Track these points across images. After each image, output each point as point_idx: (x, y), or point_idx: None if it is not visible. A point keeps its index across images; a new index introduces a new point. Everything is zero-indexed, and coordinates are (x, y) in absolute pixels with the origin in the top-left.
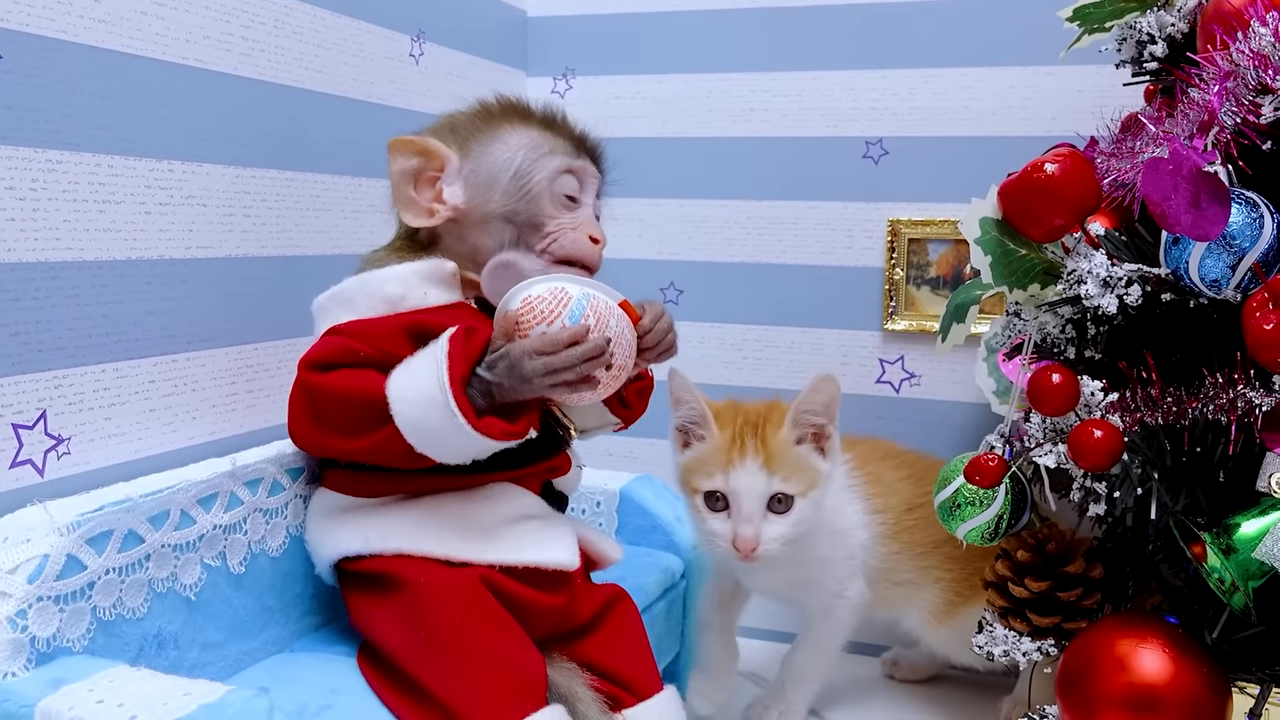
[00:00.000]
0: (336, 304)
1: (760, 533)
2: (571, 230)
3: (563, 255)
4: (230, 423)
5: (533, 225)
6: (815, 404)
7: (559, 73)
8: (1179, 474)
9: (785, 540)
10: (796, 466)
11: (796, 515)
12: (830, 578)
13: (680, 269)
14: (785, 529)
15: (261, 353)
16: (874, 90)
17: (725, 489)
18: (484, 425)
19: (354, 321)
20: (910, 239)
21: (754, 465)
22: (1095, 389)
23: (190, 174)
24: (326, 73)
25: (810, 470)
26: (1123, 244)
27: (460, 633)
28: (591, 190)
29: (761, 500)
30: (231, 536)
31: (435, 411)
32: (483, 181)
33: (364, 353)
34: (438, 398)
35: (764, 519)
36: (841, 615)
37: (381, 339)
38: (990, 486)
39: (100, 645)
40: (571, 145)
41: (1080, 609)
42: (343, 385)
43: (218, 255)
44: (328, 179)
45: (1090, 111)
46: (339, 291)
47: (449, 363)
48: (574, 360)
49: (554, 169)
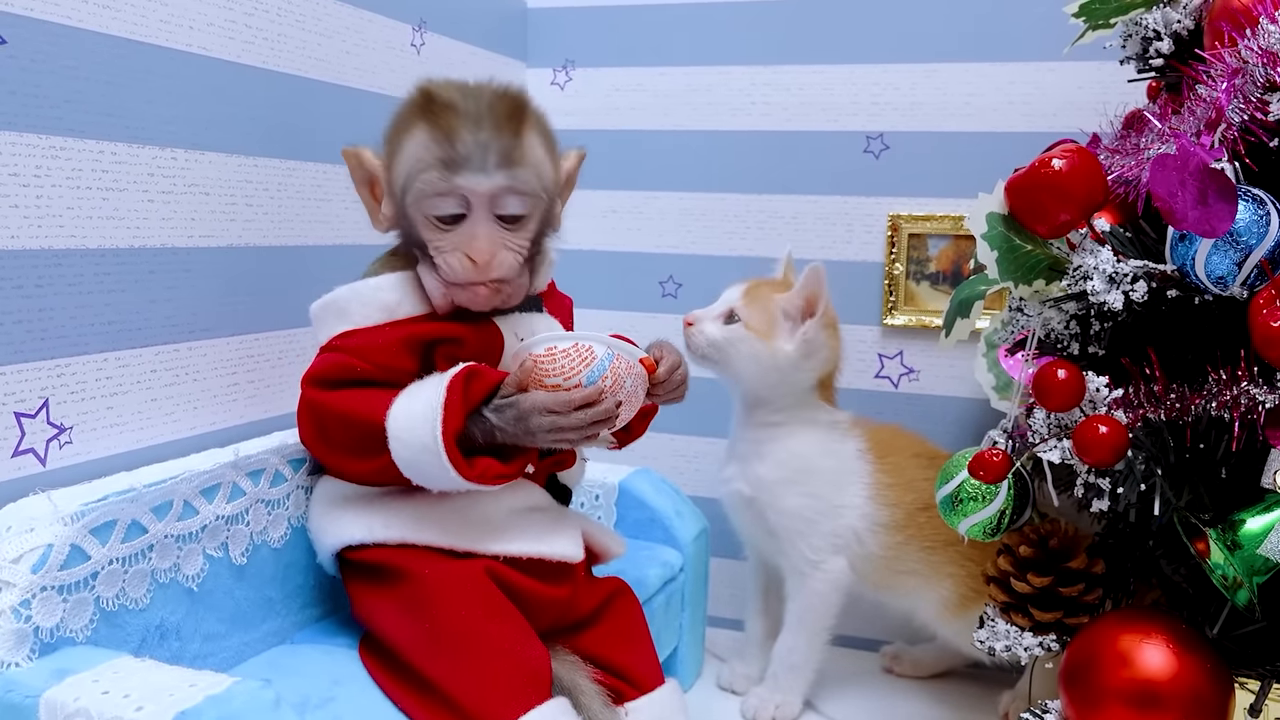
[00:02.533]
0: (330, 314)
1: (702, 320)
2: (450, 254)
3: (449, 279)
4: (231, 413)
5: (419, 244)
6: (798, 289)
7: (559, 64)
8: (1182, 470)
9: (709, 341)
10: (761, 311)
11: (729, 331)
12: (804, 540)
13: (679, 262)
14: (714, 331)
15: (263, 343)
16: (875, 85)
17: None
18: (477, 472)
19: (351, 334)
20: (910, 234)
21: (738, 289)
22: (1100, 385)
23: (193, 162)
24: (329, 62)
25: (769, 326)
26: (1128, 240)
27: (464, 625)
28: (481, 207)
29: (719, 306)
30: (234, 527)
31: (428, 457)
32: (391, 194)
33: (361, 369)
34: (431, 446)
35: (714, 319)
36: (817, 587)
37: (380, 353)
38: (994, 482)
39: (103, 636)
40: (451, 156)
41: (1082, 604)
42: (345, 407)
43: (220, 244)
44: (330, 168)
45: (1092, 108)
46: (332, 301)
47: (444, 414)
48: (582, 423)
49: (422, 190)
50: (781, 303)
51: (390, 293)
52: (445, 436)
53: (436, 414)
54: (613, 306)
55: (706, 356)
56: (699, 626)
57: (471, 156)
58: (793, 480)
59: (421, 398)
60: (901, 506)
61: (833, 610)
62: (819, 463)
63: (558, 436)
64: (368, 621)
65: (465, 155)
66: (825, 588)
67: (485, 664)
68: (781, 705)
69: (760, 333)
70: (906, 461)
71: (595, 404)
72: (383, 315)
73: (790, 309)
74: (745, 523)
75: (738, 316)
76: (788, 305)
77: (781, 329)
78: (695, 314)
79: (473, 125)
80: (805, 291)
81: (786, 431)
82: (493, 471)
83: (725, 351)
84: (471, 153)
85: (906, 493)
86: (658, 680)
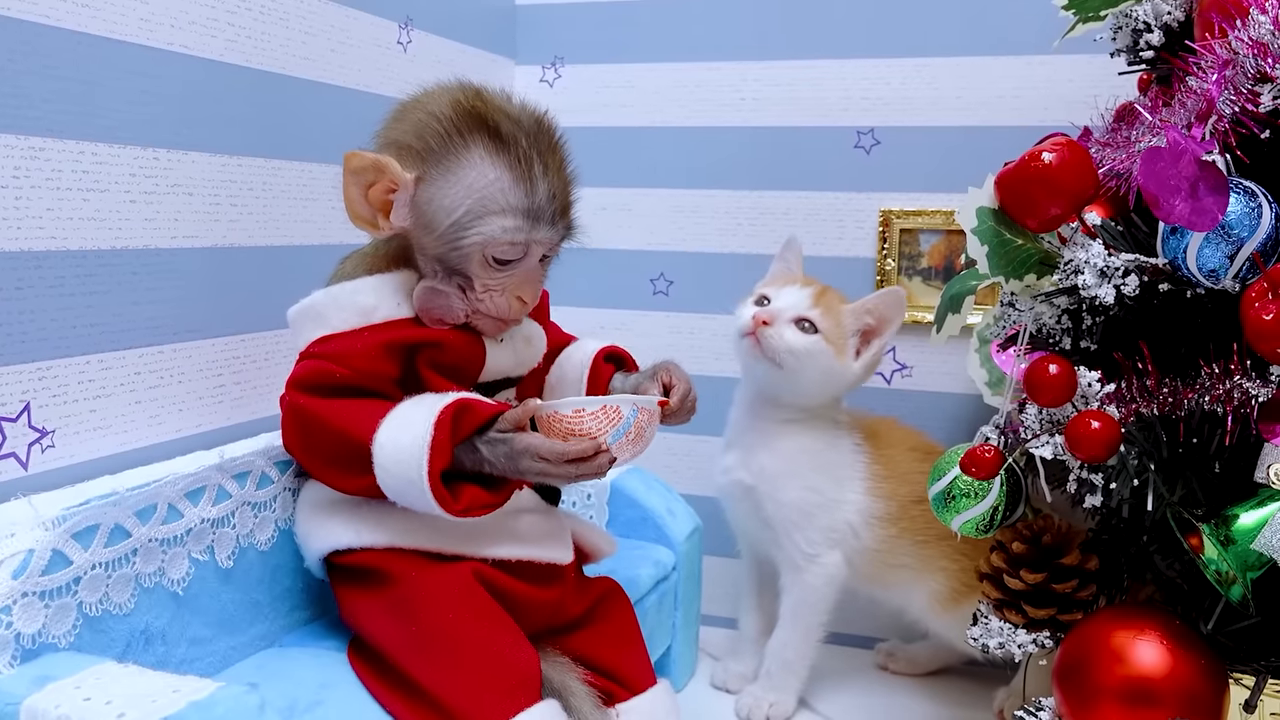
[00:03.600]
0: (306, 319)
1: (779, 324)
2: (499, 295)
3: (485, 312)
4: (217, 415)
5: (461, 274)
6: (873, 304)
7: (548, 61)
8: (1176, 465)
9: (788, 345)
10: (834, 323)
11: (810, 343)
12: (800, 533)
13: (670, 259)
14: (795, 339)
15: (249, 344)
16: (865, 79)
17: (772, 294)
18: (462, 505)
19: (329, 339)
20: (902, 229)
21: (805, 292)
22: (1092, 380)
23: (176, 162)
24: (314, 60)
25: (841, 339)
26: (1119, 234)
27: (453, 628)
28: (537, 255)
29: (794, 310)
30: (220, 530)
31: (413, 491)
32: (424, 220)
33: (341, 375)
34: (416, 481)
35: (788, 323)
36: (812, 581)
37: (359, 358)
38: (986, 478)
39: (86, 641)
40: (531, 206)
41: (1076, 601)
42: (331, 419)
43: (204, 245)
44: (315, 168)
45: (1083, 101)
46: (309, 306)
47: (430, 454)
48: (569, 475)
49: (494, 236)
50: (849, 314)
51: (367, 296)
52: (431, 475)
53: (423, 453)
54: (603, 304)
55: (776, 361)
56: (692, 625)
57: (544, 208)
58: (795, 473)
59: (410, 431)
60: (895, 499)
61: (827, 605)
62: (822, 457)
63: (546, 480)
64: (355, 625)
65: (540, 207)
66: (819, 582)
67: (474, 667)
68: (775, 704)
69: (836, 348)
70: (901, 454)
71: (587, 459)
72: (360, 319)
73: (855, 322)
74: (742, 514)
75: (812, 325)
76: (855, 318)
77: (849, 341)
78: (771, 313)
79: (543, 171)
80: (878, 313)
81: (798, 427)
82: (479, 502)
83: (800, 361)
84: (544, 205)
85: (900, 485)
86: (649, 681)
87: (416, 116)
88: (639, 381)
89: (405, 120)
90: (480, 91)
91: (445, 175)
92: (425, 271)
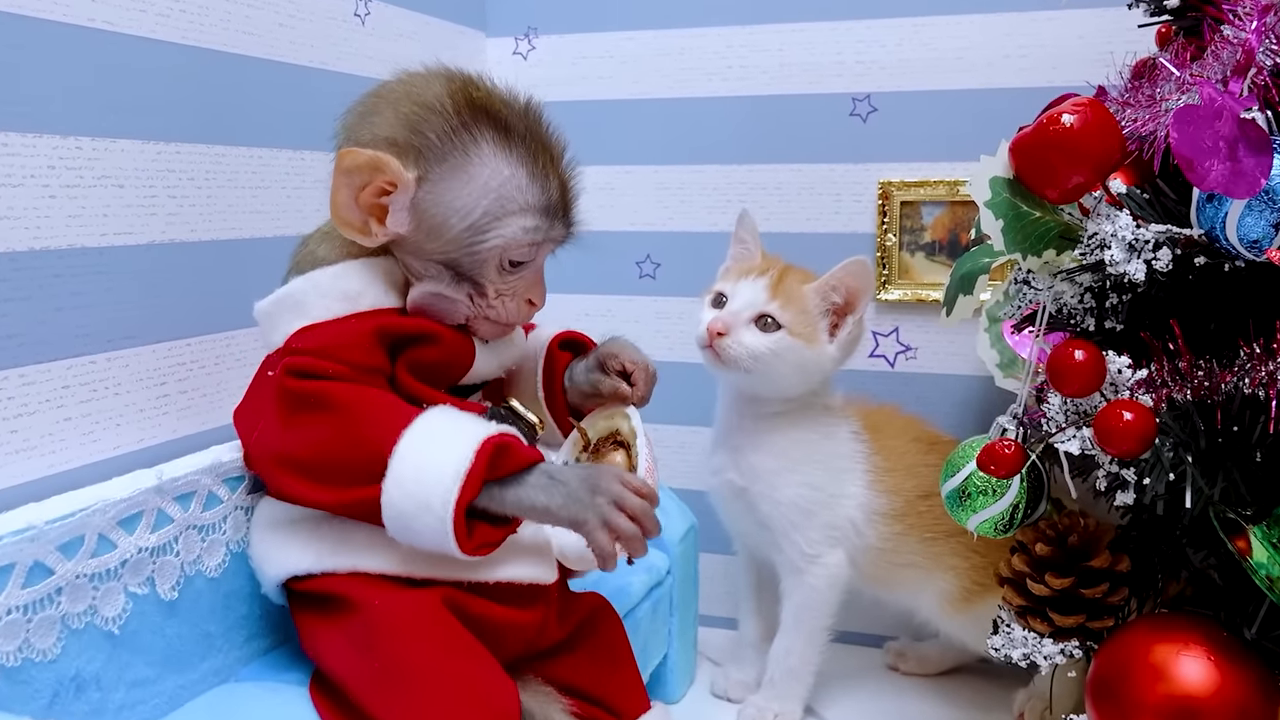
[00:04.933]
0: (284, 310)
1: (735, 328)
2: (510, 300)
3: (495, 319)
4: (161, 428)
5: (472, 281)
6: (837, 279)
7: (520, 32)
8: (1214, 456)
9: (750, 351)
10: (798, 310)
11: (773, 341)
12: (799, 533)
13: (656, 240)
14: (756, 342)
15: (195, 348)
16: (860, 42)
17: (729, 291)
18: (475, 541)
19: (311, 330)
20: (903, 202)
21: (761, 283)
22: (1123, 366)
23: (102, 151)
24: (259, 35)
25: (810, 326)
26: (1146, 203)
27: (419, 661)
28: (546, 253)
29: (751, 309)
30: (161, 559)
31: (426, 519)
32: (432, 222)
33: (332, 370)
34: (436, 509)
35: (746, 325)
36: (814, 583)
37: (351, 349)
38: (1007, 476)
39: (4, 695)
40: (548, 203)
41: (1106, 606)
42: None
43: (139, 242)
44: (265, 153)
45: (1095, 59)
46: (286, 295)
47: (464, 484)
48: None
49: (514, 236)
50: (813, 294)
51: (352, 280)
52: (458, 508)
53: (455, 481)
54: (586, 290)
55: (742, 369)
56: (690, 631)
57: (558, 204)
58: (790, 468)
59: (444, 451)
60: (901, 494)
61: (831, 608)
62: (817, 449)
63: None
64: (316, 658)
65: (555, 203)
66: (823, 584)
67: (443, 704)
68: (780, 714)
69: (805, 337)
70: (905, 445)
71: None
72: (345, 306)
73: (823, 302)
74: (735, 515)
75: (773, 320)
76: (820, 298)
77: (820, 324)
78: (723, 320)
79: (552, 164)
80: (845, 286)
81: (787, 420)
82: (489, 539)
83: (768, 362)
84: (558, 200)
85: (906, 479)
86: (643, 706)
87: (405, 109)
88: (589, 373)
89: (388, 113)
90: (469, 78)
91: (454, 174)
92: (419, 274)
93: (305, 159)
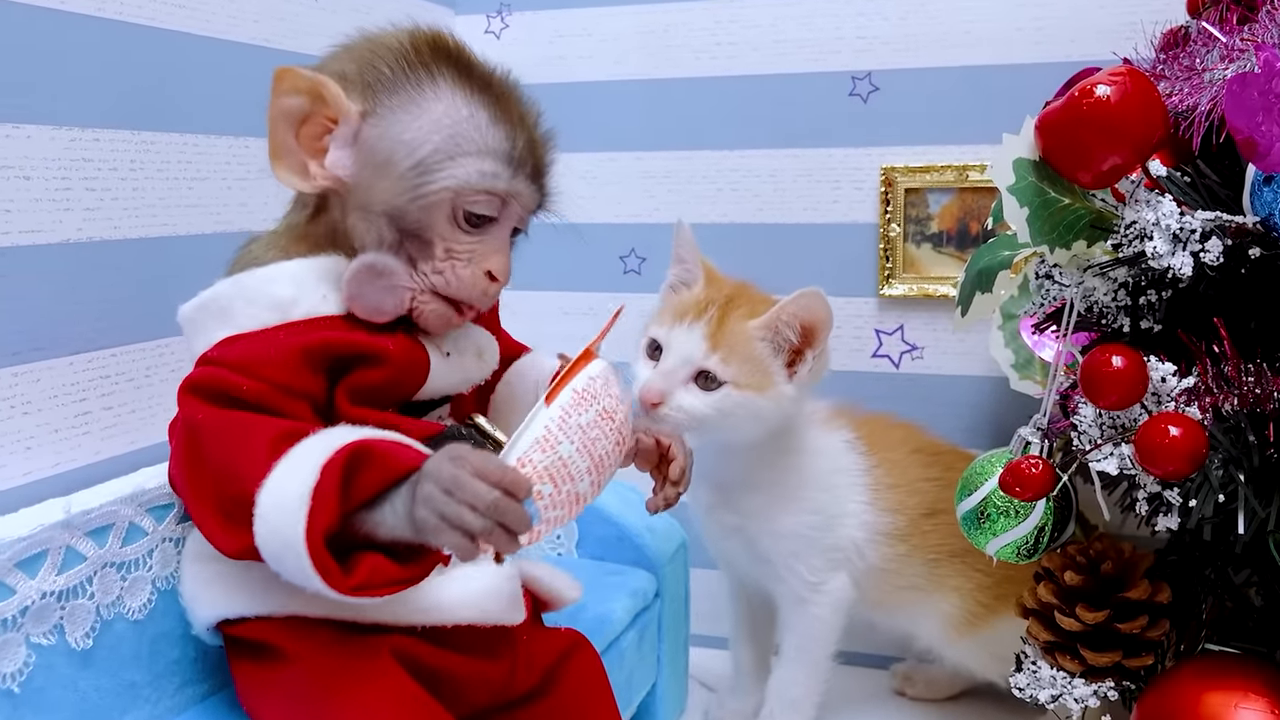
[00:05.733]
0: (208, 316)
1: (671, 393)
2: (464, 266)
3: (441, 291)
4: (82, 449)
5: (418, 238)
6: (789, 315)
7: (492, 9)
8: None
9: (692, 417)
10: (744, 359)
11: (717, 400)
12: (801, 562)
13: (641, 233)
14: (698, 405)
15: (121, 359)
16: (860, 15)
17: (664, 340)
18: (356, 579)
19: (234, 341)
20: (907, 189)
21: (698, 332)
22: (1166, 374)
23: (3, 139)
24: (195, 9)
25: (760, 373)
26: (1188, 186)
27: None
28: (513, 218)
29: (688, 365)
30: (71, 603)
31: (289, 556)
32: (376, 159)
33: (250, 390)
34: (292, 542)
35: (684, 385)
36: (818, 612)
37: (272, 366)
38: (1034, 499)
39: None
40: (512, 152)
41: (1144, 641)
42: (220, 435)
43: (50, 241)
44: (201, 140)
45: (1117, 31)
46: (210, 299)
47: (311, 506)
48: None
49: (468, 179)
50: (760, 334)
51: (284, 286)
52: (310, 535)
53: (302, 504)
54: (566, 287)
55: (688, 431)
56: (680, 656)
57: (525, 158)
58: (785, 498)
59: (293, 471)
60: (904, 512)
61: (836, 634)
62: (809, 470)
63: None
64: (251, 713)
65: (523, 155)
66: (827, 611)
67: None
68: None
69: (754, 387)
70: (906, 458)
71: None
72: (275, 315)
73: (775, 339)
74: (731, 552)
75: (716, 377)
76: (770, 335)
77: (772, 366)
78: (653, 386)
79: (520, 118)
80: (800, 321)
81: (771, 449)
82: (383, 578)
83: (717, 423)
84: (525, 154)
85: (909, 496)
86: None
87: (360, 48)
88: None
89: (342, 54)
90: (440, 31)
91: (404, 107)
92: (365, 243)
93: (249, 146)
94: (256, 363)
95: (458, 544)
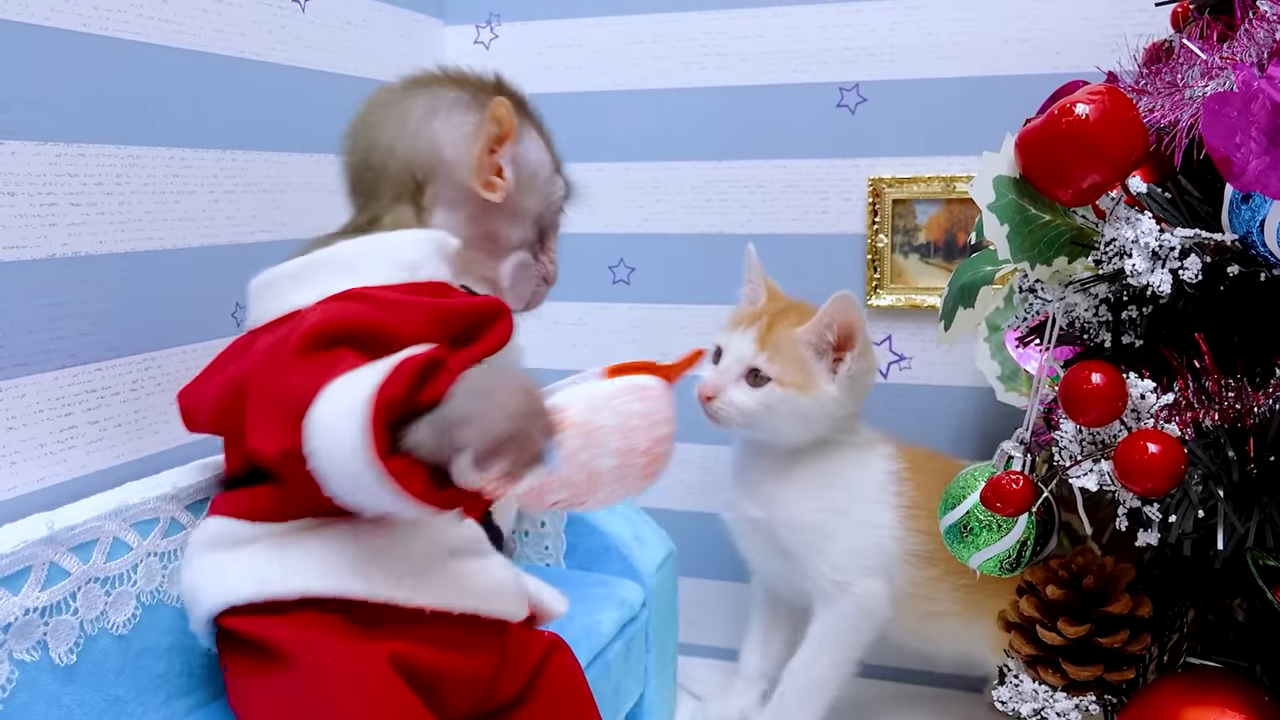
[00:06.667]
0: (325, 270)
1: (724, 388)
2: (552, 260)
3: (549, 279)
4: (68, 464)
5: (542, 239)
6: (827, 318)
7: (482, 20)
8: (1248, 490)
9: (741, 410)
10: (789, 359)
11: (763, 396)
12: (822, 557)
13: (630, 243)
14: (746, 400)
15: (107, 374)
16: (848, 27)
17: (724, 345)
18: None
19: (375, 287)
20: (895, 200)
21: (750, 335)
22: (1146, 390)
23: None
24: (179, 24)
25: (804, 373)
26: (1168, 203)
27: None
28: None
29: (739, 364)
30: (54, 619)
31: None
32: (527, 172)
33: (393, 328)
34: (354, 447)
35: (736, 382)
36: (846, 611)
37: (414, 314)
38: (1014, 514)
39: None
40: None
41: (1125, 655)
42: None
43: (35, 256)
44: (189, 154)
45: (1103, 43)
46: (334, 255)
47: (389, 375)
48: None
49: (561, 191)
50: (804, 338)
51: (412, 250)
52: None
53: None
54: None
55: (738, 426)
56: (669, 667)
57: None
58: (808, 494)
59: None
60: (934, 536)
61: (862, 639)
62: (840, 475)
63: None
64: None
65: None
66: (854, 611)
67: None
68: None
69: (798, 385)
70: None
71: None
72: (404, 274)
73: (818, 342)
74: (757, 549)
75: (764, 374)
76: (814, 339)
77: (816, 369)
78: (711, 382)
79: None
80: (836, 324)
81: (809, 454)
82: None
83: (763, 418)
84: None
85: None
86: None
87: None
88: None
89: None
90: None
91: (526, 133)
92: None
93: (236, 160)
94: (402, 306)
95: (478, 440)
